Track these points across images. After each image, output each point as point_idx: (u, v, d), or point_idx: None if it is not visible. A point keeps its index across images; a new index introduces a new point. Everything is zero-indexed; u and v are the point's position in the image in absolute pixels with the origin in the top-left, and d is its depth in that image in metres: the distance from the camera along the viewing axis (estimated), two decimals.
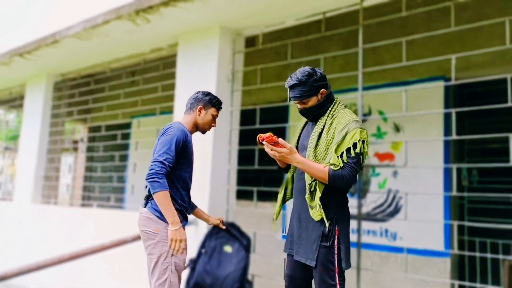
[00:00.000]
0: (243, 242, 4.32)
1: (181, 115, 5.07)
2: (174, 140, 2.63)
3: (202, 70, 5.01)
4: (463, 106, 6.46)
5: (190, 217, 2.96)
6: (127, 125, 8.73)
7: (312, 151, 2.41)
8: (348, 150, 2.30)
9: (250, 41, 5.48)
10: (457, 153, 6.32)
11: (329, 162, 2.31)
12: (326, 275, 2.34)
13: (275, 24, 4.87)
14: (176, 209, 2.63)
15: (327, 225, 2.34)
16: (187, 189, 2.77)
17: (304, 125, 2.67)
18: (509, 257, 5.31)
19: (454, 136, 3.91)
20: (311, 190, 2.37)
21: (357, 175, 2.40)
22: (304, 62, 5.11)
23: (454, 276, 5.80)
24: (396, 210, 6.15)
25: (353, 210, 5.53)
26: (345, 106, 2.51)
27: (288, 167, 2.66)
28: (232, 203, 5.01)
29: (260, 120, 5.10)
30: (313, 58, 5.04)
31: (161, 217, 2.63)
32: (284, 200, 2.69)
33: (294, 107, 6.75)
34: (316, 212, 2.35)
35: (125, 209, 8.13)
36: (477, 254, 4.89)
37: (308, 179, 2.39)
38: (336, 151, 2.31)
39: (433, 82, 6.06)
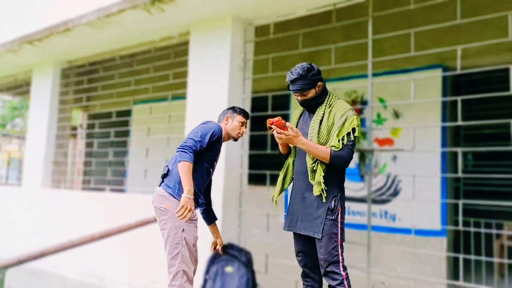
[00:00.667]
0: (242, 259, 4.66)
1: (194, 102, 5.32)
2: (211, 131, 2.93)
3: (215, 59, 5.21)
4: (460, 93, 6.76)
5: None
6: (128, 112, 8.86)
7: (316, 136, 2.72)
8: (348, 134, 2.64)
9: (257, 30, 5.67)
10: (453, 138, 6.65)
11: (330, 144, 2.64)
12: (331, 245, 2.65)
13: (286, 15, 5.08)
14: None
15: (324, 200, 2.65)
16: (203, 178, 3.00)
17: (301, 115, 2.98)
18: (502, 231, 5.66)
19: (460, 122, 4.20)
20: (313, 170, 2.68)
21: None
22: (308, 52, 5.36)
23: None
24: (396, 193, 6.47)
25: (360, 193, 5.84)
26: (336, 96, 2.85)
27: (288, 153, 2.96)
28: (244, 187, 5.27)
29: (262, 107, 5.35)
30: (320, 48, 5.28)
31: (173, 194, 2.86)
32: (283, 184, 2.95)
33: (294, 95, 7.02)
34: (317, 188, 2.65)
35: (127, 192, 8.33)
36: (472, 229, 5.21)
37: (309, 162, 2.70)
38: (337, 135, 2.63)
39: (432, 70, 6.34)
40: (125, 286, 5.83)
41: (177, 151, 2.82)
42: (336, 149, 2.61)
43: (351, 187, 6.42)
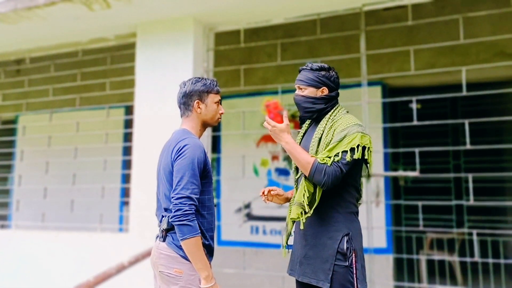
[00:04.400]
0: None
1: (143, 113, 4.45)
2: (195, 164, 2.14)
3: (173, 67, 4.42)
4: (397, 110, 6.97)
5: None
6: (12, 122, 7.30)
7: (314, 155, 2.23)
8: (344, 152, 2.14)
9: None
10: (393, 155, 6.77)
11: (317, 156, 2.19)
12: None
13: (259, 22, 4.54)
14: (204, 244, 2.16)
15: (302, 226, 2.21)
16: (211, 212, 2.28)
17: (307, 128, 2.48)
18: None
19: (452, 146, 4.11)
20: (306, 199, 2.18)
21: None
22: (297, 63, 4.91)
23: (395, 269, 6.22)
24: None
25: None
26: (347, 112, 2.40)
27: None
28: None
29: None
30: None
31: (186, 256, 2.13)
32: (288, 225, 2.44)
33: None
34: (295, 211, 2.19)
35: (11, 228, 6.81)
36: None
37: (302, 192, 2.20)
38: (329, 149, 2.16)
39: (372, 86, 6.34)
40: None
41: (175, 224, 2.09)
42: (322, 162, 2.13)
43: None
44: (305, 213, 2.18)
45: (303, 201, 2.17)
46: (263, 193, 2.41)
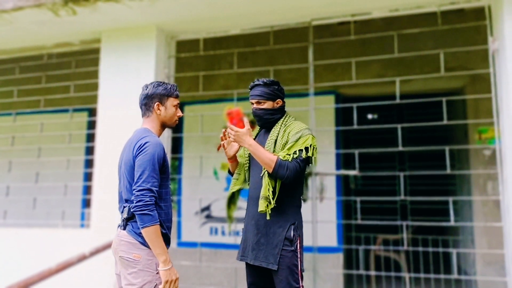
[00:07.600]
0: None
1: (106, 115, 4.68)
2: (155, 159, 2.37)
3: (136, 72, 4.68)
4: (351, 117, 7.39)
5: None
6: None
7: None
8: (300, 151, 2.53)
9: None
10: (345, 160, 7.17)
11: (278, 154, 2.55)
12: (292, 278, 2.52)
13: (218, 32, 4.87)
14: (162, 233, 2.37)
15: (268, 217, 2.50)
16: (168, 204, 2.53)
17: (257, 135, 2.86)
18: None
19: (402, 148, 4.47)
20: (271, 193, 2.51)
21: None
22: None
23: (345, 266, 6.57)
24: None
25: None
26: (294, 118, 2.81)
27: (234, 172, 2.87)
28: None
29: None
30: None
31: (144, 242, 2.35)
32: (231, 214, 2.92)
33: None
34: (263, 204, 2.49)
35: None
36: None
37: (267, 187, 2.52)
38: (288, 148, 2.53)
39: (326, 95, 6.76)
40: None
41: (136, 213, 2.31)
42: (284, 159, 2.49)
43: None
44: (270, 204, 2.49)
45: (269, 195, 2.48)
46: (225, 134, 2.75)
